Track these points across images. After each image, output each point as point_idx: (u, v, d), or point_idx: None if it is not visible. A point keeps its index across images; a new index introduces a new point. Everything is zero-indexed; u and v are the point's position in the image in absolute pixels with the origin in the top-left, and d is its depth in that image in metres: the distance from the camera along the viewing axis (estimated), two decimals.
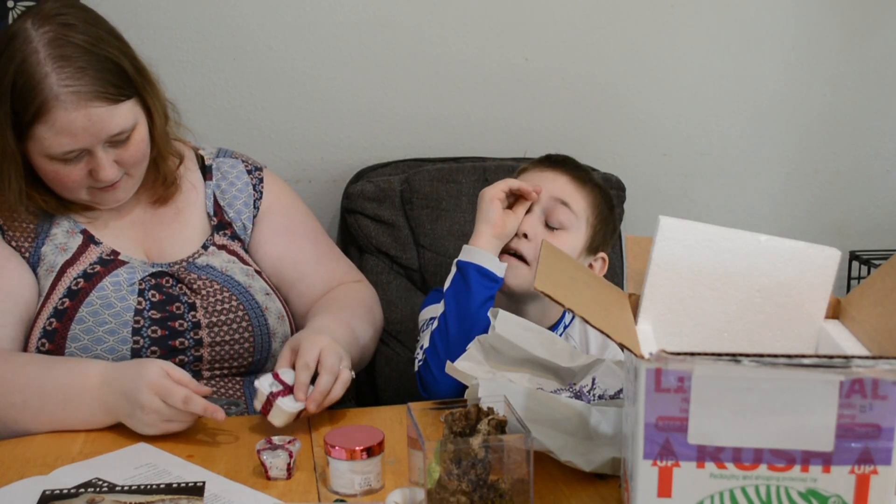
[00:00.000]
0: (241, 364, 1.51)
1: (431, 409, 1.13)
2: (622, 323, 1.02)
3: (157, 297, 1.47)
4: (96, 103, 1.36)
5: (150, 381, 1.27)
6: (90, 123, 1.37)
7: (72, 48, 1.37)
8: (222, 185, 1.62)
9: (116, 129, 1.40)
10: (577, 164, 1.61)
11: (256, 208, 1.63)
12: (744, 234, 1.08)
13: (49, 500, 1.13)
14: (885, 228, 2.32)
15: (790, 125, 2.24)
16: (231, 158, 1.66)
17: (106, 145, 1.40)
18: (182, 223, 1.58)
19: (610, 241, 1.62)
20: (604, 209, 1.58)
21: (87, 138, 1.38)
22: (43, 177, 1.44)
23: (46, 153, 1.39)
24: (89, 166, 1.41)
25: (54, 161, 1.39)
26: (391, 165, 2.01)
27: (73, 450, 1.28)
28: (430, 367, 1.46)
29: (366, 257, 1.93)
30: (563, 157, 1.61)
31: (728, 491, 0.94)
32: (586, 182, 1.57)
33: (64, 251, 1.47)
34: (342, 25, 2.02)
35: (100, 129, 1.38)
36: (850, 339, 1.04)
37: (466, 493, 1.03)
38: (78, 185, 1.43)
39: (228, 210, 1.60)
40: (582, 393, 1.30)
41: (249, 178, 1.65)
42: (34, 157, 1.41)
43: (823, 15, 2.19)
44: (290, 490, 1.17)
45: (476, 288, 1.46)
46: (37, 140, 1.38)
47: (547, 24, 2.09)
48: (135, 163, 1.46)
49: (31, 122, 1.36)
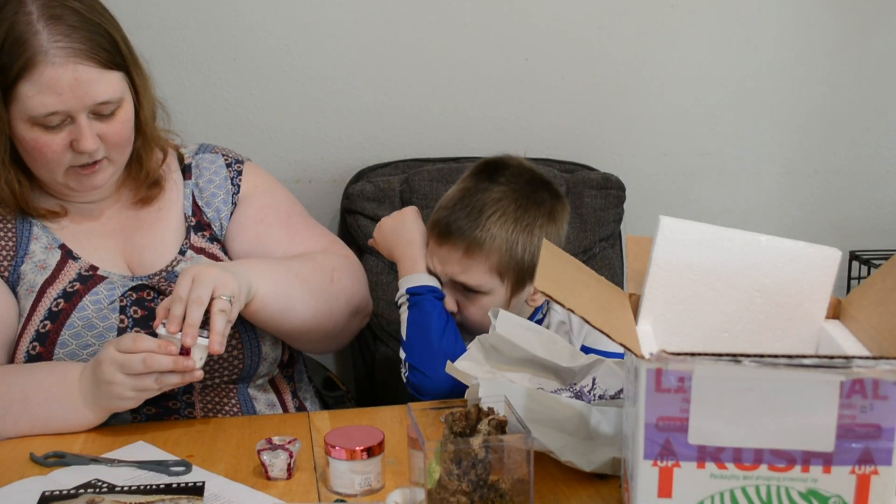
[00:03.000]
0: (233, 371, 1.47)
1: (431, 409, 1.13)
2: (622, 323, 1.02)
3: (139, 313, 1.43)
4: (86, 63, 1.34)
5: (106, 356, 1.28)
6: (77, 83, 1.33)
7: (66, 10, 1.35)
8: (200, 182, 1.57)
9: (103, 97, 1.36)
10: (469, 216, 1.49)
11: (234, 204, 1.57)
12: (744, 234, 1.08)
13: (49, 501, 1.13)
14: (885, 228, 2.32)
15: (790, 125, 2.24)
16: (211, 154, 1.61)
17: (90, 115, 1.37)
18: (162, 227, 1.53)
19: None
20: (519, 240, 1.49)
21: (73, 100, 1.34)
22: (23, 150, 1.39)
23: (29, 114, 1.34)
24: (71, 136, 1.36)
25: (35, 127, 1.35)
26: (391, 165, 2.01)
27: (74, 450, 1.28)
28: (419, 370, 1.46)
29: (366, 257, 1.93)
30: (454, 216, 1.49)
31: (728, 491, 0.94)
32: (482, 241, 1.47)
33: (43, 269, 1.44)
34: (342, 25, 2.02)
35: (86, 92, 1.34)
36: (851, 340, 1.04)
37: (466, 494, 1.03)
38: (57, 158, 1.38)
39: (207, 210, 1.55)
40: (582, 393, 1.30)
41: (228, 171, 1.59)
42: (16, 125, 1.36)
43: (823, 15, 2.19)
44: (290, 490, 1.17)
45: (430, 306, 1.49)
46: (21, 100, 1.33)
47: (547, 24, 2.09)
48: (118, 143, 1.41)
49: (16, 79, 1.32)
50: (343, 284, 1.55)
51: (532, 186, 1.53)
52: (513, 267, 1.49)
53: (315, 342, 1.58)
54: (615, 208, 2.01)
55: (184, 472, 1.20)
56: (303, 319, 1.47)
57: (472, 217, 1.48)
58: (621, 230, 2.05)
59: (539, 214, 1.51)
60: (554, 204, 1.54)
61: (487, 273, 1.49)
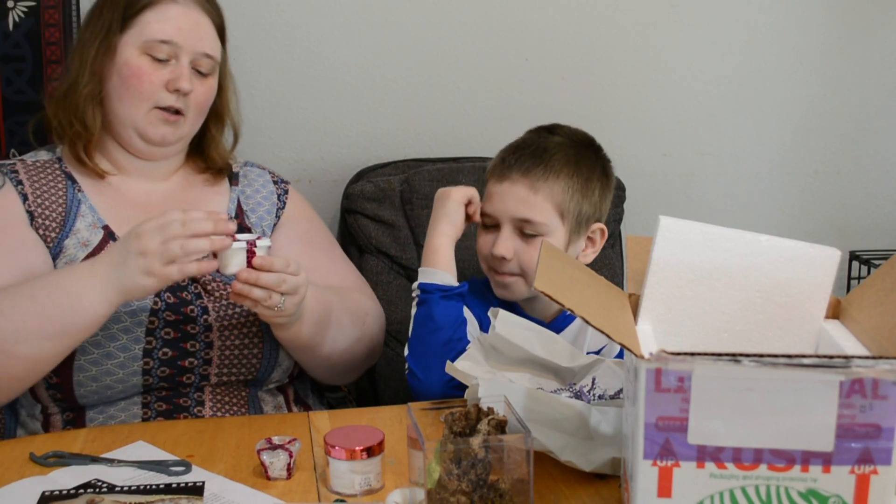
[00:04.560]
0: (249, 372, 1.51)
1: (431, 409, 1.13)
2: (622, 323, 1.02)
3: (171, 299, 1.46)
4: (206, 16, 1.52)
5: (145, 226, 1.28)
6: (195, 26, 1.50)
7: None
8: (247, 191, 1.64)
9: (209, 49, 1.52)
10: (534, 154, 1.50)
11: (277, 217, 1.64)
12: (744, 234, 1.08)
13: (49, 501, 1.13)
14: (885, 228, 2.32)
15: (790, 125, 2.24)
16: (258, 168, 1.69)
17: (191, 64, 1.49)
18: None
19: (603, 204, 1.56)
20: (578, 185, 1.50)
21: (187, 39, 1.48)
22: (121, 79, 1.47)
23: (145, 38, 1.46)
24: (171, 76, 1.47)
25: (144, 56, 1.47)
26: (391, 165, 2.01)
27: (74, 450, 1.28)
28: (415, 373, 1.46)
29: (366, 257, 1.93)
30: (516, 156, 1.51)
31: (728, 491, 0.94)
32: (546, 177, 1.49)
33: (85, 246, 1.47)
34: (342, 25, 2.02)
35: (200, 37, 1.50)
36: (850, 339, 1.04)
37: (466, 493, 1.03)
38: (152, 90, 1.47)
39: (251, 215, 1.61)
40: (582, 393, 1.30)
41: (275, 188, 1.67)
42: (125, 50, 1.47)
43: (823, 15, 2.19)
44: (290, 490, 1.17)
45: (440, 308, 1.47)
46: (141, 25, 1.47)
47: (547, 24, 2.09)
48: (199, 103, 1.52)
49: (143, 7, 1.47)
50: (371, 331, 1.63)
51: (588, 146, 1.58)
52: (572, 209, 1.50)
53: (322, 372, 1.62)
54: (615, 208, 2.01)
55: (184, 472, 1.20)
56: (325, 354, 1.54)
57: (538, 154, 1.51)
58: (621, 230, 2.05)
59: (595, 168, 1.55)
60: (606, 165, 1.58)
61: (551, 210, 1.49)
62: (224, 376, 1.49)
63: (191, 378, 1.47)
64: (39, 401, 1.46)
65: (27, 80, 1.83)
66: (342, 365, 1.60)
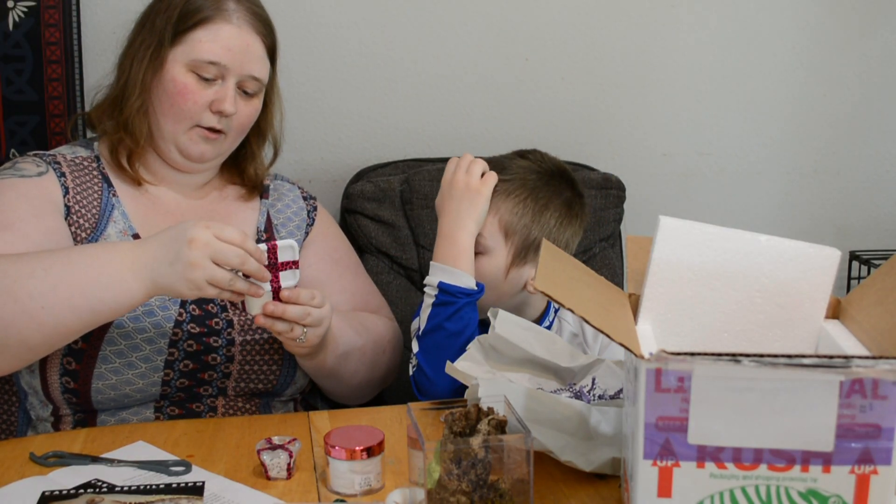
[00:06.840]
0: (267, 384, 1.51)
1: (431, 409, 1.13)
2: (622, 323, 1.02)
3: (196, 311, 1.45)
4: (258, 39, 1.49)
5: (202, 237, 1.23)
6: (245, 49, 1.47)
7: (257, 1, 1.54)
8: (278, 205, 1.63)
9: (256, 72, 1.49)
10: (494, 171, 1.51)
11: (306, 233, 1.63)
12: (744, 234, 1.08)
13: (49, 501, 1.13)
14: (885, 228, 2.32)
15: (790, 125, 2.24)
16: (288, 183, 1.69)
17: (237, 85, 1.48)
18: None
19: (562, 235, 1.53)
20: (530, 209, 1.49)
21: (236, 61, 1.46)
22: (166, 95, 1.45)
23: (193, 57, 1.44)
24: (215, 96, 1.46)
25: (190, 74, 1.45)
26: (391, 165, 2.01)
27: (74, 450, 1.28)
28: (424, 371, 1.46)
29: (366, 257, 1.93)
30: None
31: (728, 491, 0.94)
32: (497, 194, 1.49)
33: None
34: (342, 25, 2.02)
35: (248, 60, 1.48)
36: (850, 339, 1.04)
37: (466, 493, 1.03)
38: (196, 109, 1.45)
39: (281, 229, 1.61)
40: (582, 393, 1.30)
41: (305, 203, 1.67)
42: (172, 66, 1.45)
43: (823, 15, 2.19)
44: (290, 490, 1.17)
45: (465, 311, 1.44)
46: (190, 43, 1.45)
47: (547, 24, 2.09)
48: (241, 123, 1.51)
49: (194, 25, 1.45)
50: (390, 357, 1.63)
51: (556, 175, 1.54)
52: (520, 232, 1.49)
53: (338, 393, 1.62)
54: (615, 208, 2.01)
55: (184, 472, 1.20)
56: (346, 381, 1.55)
57: (497, 172, 1.50)
58: (621, 230, 2.05)
59: (556, 197, 1.52)
60: (573, 199, 1.55)
61: (496, 227, 1.49)
62: (241, 389, 1.50)
63: (208, 390, 1.47)
64: (53, 402, 1.45)
65: (27, 80, 1.83)
66: (360, 389, 1.61)
